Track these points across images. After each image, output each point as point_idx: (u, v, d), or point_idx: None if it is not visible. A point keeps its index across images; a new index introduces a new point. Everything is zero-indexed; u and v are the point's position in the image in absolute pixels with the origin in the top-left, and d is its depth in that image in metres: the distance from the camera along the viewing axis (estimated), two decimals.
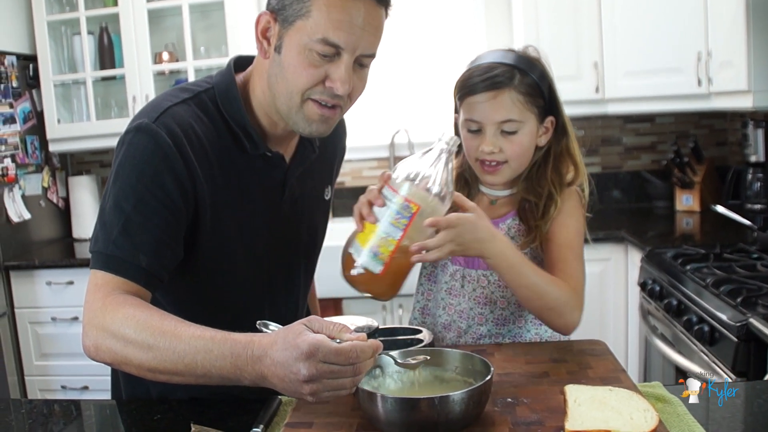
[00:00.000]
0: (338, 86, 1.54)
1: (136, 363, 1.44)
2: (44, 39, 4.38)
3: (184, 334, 1.40)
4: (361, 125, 4.66)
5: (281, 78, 1.56)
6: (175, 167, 1.55)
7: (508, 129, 1.80)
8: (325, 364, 1.27)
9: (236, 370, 1.36)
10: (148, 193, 1.54)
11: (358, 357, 1.29)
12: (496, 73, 1.80)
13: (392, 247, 1.53)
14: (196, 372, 1.39)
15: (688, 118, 4.49)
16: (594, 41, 3.97)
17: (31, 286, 4.12)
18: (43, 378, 4.21)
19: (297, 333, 1.30)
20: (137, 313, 1.45)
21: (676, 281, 2.79)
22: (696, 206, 4.13)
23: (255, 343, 1.35)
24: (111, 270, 1.52)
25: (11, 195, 4.18)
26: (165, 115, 1.58)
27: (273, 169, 1.73)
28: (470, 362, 1.47)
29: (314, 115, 1.58)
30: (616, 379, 1.55)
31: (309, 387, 1.29)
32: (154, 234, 1.54)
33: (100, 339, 1.46)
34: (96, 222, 1.59)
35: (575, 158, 1.91)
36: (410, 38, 4.61)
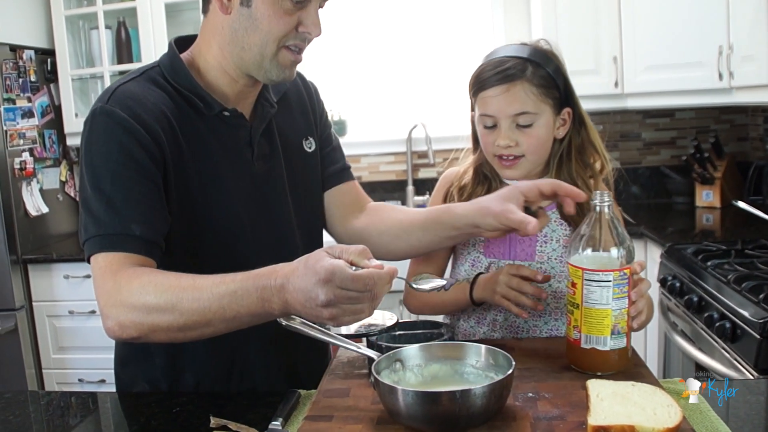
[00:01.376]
0: (312, 29, 1.63)
1: (164, 327, 1.45)
2: (62, 33, 4.38)
3: (205, 285, 1.43)
4: (378, 120, 4.66)
5: (253, 29, 1.61)
6: (138, 137, 1.58)
7: (523, 122, 1.80)
8: (342, 290, 1.31)
9: (263, 302, 1.39)
10: (121, 167, 1.57)
11: (375, 283, 1.32)
12: (508, 66, 1.80)
13: (626, 317, 1.53)
14: (225, 317, 1.42)
15: (708, 113, 4.45)
16: (613, 35, 3.94)
17: (48, 280, 4.13)
18: (61, 371, 4.22)
19: (316, 259, 1.33)
20: (152, 279, 1.47)
21: (696, 277, 2.76)
22: (716, 202, 4.09)
23: (277, 272, 1.38)
24: (109, 248, 1.53)
25: (29, 189, 4.19)
26: (115, 94, 1.63)
27: (236, 130, 1.75)
28: (491, 356, 1.46)
29: (287, 61, 1.65)
30: (638, 375, 1.53)
31: (328, 311, 1.33)
32: (139, 203, 1.57)
33: (121, 316, 1.47)
34: (81, 214, 1.61)
35: (598, 148, 1.91)
36: (428, 32, 4.60)
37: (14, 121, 4.09)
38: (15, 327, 4.03)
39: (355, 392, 1.52)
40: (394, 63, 4.65)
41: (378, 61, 4.65)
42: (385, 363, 1.44)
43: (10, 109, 4.06)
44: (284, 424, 1.45)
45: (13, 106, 4.10)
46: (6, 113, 4.03)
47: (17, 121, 4.11)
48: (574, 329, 1.54)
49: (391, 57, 4.65)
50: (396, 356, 1.47)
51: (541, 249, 1.88)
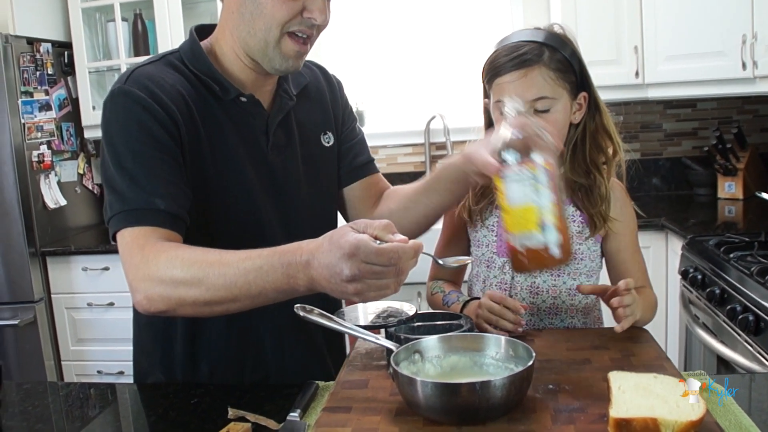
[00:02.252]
0: (317, 15, 1.62)
1: (191, 301, 1.45)
2: (79, 26, 4.39)
3: (232, 260, 1.43)
4: (396, 111, 4.65)
5: (258, 14, 1.62)
6: (156, 115, 1.60)
7: (541, 107, 1.77)
8: (367, 264, 1.30)
9: (289, 279, 1.39)
10: (141, 145, 1.59)
11: (400, 258, 1.31)
12: (525, 51, 1.77)
13: (555, 210, 1.50)
14: (251, 293, 1.42)
15: (731, 103, 4.40)
16: (634, 24, 3.90)
17: (67, 272, 4.14)
18: (80, 363, 4.24)
19: (341, 234, 1.33)
20: (179, 253, 1.49)
21: (718, 270, 2.73)
22: (739, 193, 4.05)
23: (303, 248, 1.38)
24: (134, 223, 1.55)
25: (47, 181, 4.20)
26: (133, 75, 1.66)
27: (252, 117, 1.77)
28: (511, 348, 1.45)
29: (290, 51, 1.66)
30: (660, 367, 1.51)
31: (353, 286, 1.32)
32: (161, 178, 1.59)
33: (149, 289, 1.48)
34: (105, 194, 1.62)
35: (612, 133, 1.89)
36: (446, 23, 4.58)
37: (32, 114, 4.10)
38: (34, 319, 4.05)
39: (373, 384, 1.51)
40: (412, 54, 4.64)
41: (396, 52, 4.63)
42: (403, 354, 1.43)
43: (27, 102, 4.07)
44: (302, 415, 1.45)
45: (31, 99, 4.10)
46: (24, 106, 4.03)
47: (35, 114, 4.12)
48: (507, 234, 1.53)
49: (409, 48, 4.63)
50: (415, 347, 1.46)
51: None
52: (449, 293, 1.95)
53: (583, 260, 1.88)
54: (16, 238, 3.98)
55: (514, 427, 1.28)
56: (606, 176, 1.86)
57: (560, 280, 1.86)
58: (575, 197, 1.88)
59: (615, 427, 1.22)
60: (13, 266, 4.01)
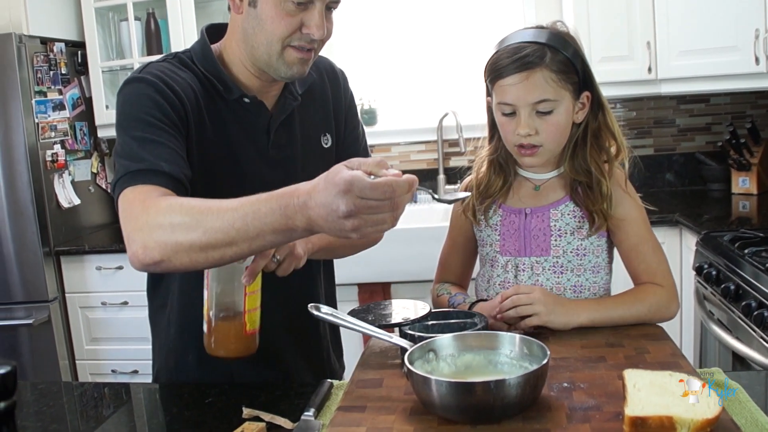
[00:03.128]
0: (314, 32, 1.67)
1: (187, 245, 1.44)
2: (92, 25, 4.40)
3: (229, 205, 1.43)
4: (409, 108, 4.64)
5: (259, 29, 1.68)
6: (167, 97, 1.67)
7: (543, 109, 1.77)
8: (362, 200, 1.29)
9: (287, 220, 1.38)
10: (152, 118, 1.64)
11: (394, 191, 1.30)
12: (526, 53, 1.76)
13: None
14: (249, 235, 1.41)
15: (744, 98, 4.37)
16: (646, 20, 3.88)
17: (81, 271, 4.16)
18: (94, 362, 4.25)
19: (335, 173, 1.32)
20: (179, 201, 1.51)
21: (733, 265, 2.72)
22: (753, 189, 4.03)
23: (299, 190, 1.38)
24: (138, 182, 1.56)
25: (61, 181, 4.21)
26: (147, 68, 1.75)
27: (255, 117, 1.82)
28: (526, 346, 1.44)
29: (294, 59, 1.71)
30: (675, 365, 1.51)
31: (350, 222, 1.32)
32: (167, 147, 1.63)
33: (146, 237, 1.47)
34: (114, 164, 1.65)
35: (615, 132, 1.89)
36: (458, 20, 4.57)
37: (45, 114, 4.11)
38: (48, 318, 4.06)
39: (387, 382, 1.51)
40: (425, 52, 4.63)
41: (408, 49, 4.62)
42: (418, 353, 1.43)
43: (41, 101, 4.08)
44: (317, 414, 1.45)
45: (45, 99, 4.12)
46: (37, 106, 4.05)
47: (48, 113, 4.14)
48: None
49: (422, 46, 4.62)
50: (429, 346, 1.46)
51: (556, 243, 1.87)
52: (455, 295, 1.95)
53: (586, 256, 1.87)
54: (30, 238, 4.00)
55: (528, 425, 1.28)
56: (607, 175, 1.85)
57: (564, 278, 1.86)
58: (575, 194, 1.87)
59: (630, 425, 1.22)
60: (27, 266, 4.02)
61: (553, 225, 1.85)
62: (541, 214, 1.87)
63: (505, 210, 1.92)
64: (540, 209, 1.88)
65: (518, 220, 1.88)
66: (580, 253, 1.86)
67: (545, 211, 1.86)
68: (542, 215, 1.87)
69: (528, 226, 1.87)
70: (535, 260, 1.86)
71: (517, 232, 1.88)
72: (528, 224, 1.87)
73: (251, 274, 1.49)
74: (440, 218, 2.00)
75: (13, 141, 3.95)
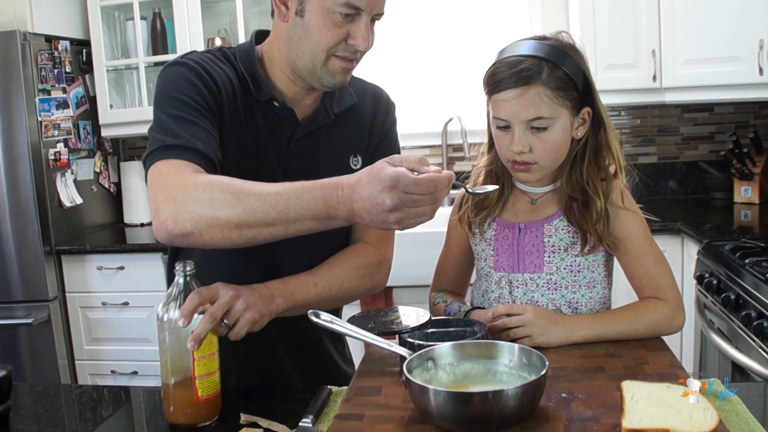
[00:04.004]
0: (360, 43, 1.70)
1: (223, 219, 1.47)
2: (97, 24, 4.40)
3: (271, 188, 1.48)
4: (414, 113, 4.63)
5: (306, 38, 1.71)
6: (206, 83, 1.71)
7: (538, 125, 1.73)
8: (407, 194, 1.38)
9: (329, 209, 1.45)
10: (190, 99, 1.67)
11: (436, 187, 1.40)
12: (523, 67, 1.72)
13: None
14: (288, 218, 1.46)
15: (747, 108, 4.39)
16: (652, 29, 3.89)
17: (82, 271, 4.16)
18: (94, 362, 4.25)
19: (379, 168, 1.41)
20: (220, 178, 1.53)
21: (734, 275, 2.72)
22: (755, 198, 4.03)
23: (342, 183, 1.44)
24: (172, 156, 1.59)
25: (63, 180, 4.21)
26: (189, 54, 1.79)
27: (282, 122, 1.83)
28: (525, 356, 1.44)
29: (337, 68, 1.74)
30: (673, 376, 1.50)
31: (394, 216, 1.41)
32: (203, 128, 1.65)
33: (179, 208, 1.49)
34: (149, 138, 1.67)
35: (615, 152, 1.85)
36: (464, 25, 4.57)
37: (49, 112, 4.12)
38: (48, 318, 4.06)
39: (386, 390, 1.51)
40: (430, 56, 4.62)
41: (413, 54, 4.62)
42: (416, 361, 1.43)
43: (45, 99, 4.09)
44: (314, 421, 1.45)
45: (48, 97, 4.12)
46: (41, 104, 4.05)
47: (52, 111, 4.14)
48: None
49: (427, 50, 4.62)
50: (428, 355, 1.46)
51: (550, 260, 1.83)
52: (451, 303, 1.93)
53: (581, 272, 1.83)
54: (32, 237, 4.00)
55: None
56: (603, 194, 1.80)
57: (558, 294, 1.83)
58: (569, 211, 1.83)
59: None
60: (28, 265, 4.02)
61: (546, 241, 1.82)
62: (535, 230, 1.84)
63: (500, 224, 1.89)
64: (534, 224, 1.84)
65: (512, 235, 1.86)
66: (575, 269, 1.83)
67: (539, 226, 1.83)
68: (536, 231, 1.84)
69: (522, 241, 1.84)
70: (529, 277, 1.84)
71: (511, 247, 1.85)
72: (522, 240, 1.84)
73: (196, 339, 1.44)
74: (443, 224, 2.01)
75: (15, 139, 3.95)
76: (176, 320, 1.45)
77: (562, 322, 1.74)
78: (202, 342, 1.45)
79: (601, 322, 1.75)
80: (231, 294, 1.53)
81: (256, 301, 1.57)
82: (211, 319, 1.47)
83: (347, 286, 1.83)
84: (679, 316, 1.81)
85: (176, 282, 1.51)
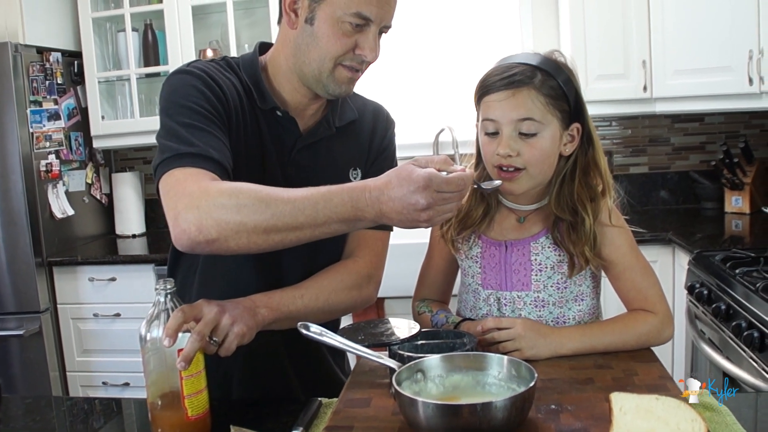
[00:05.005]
0: (367, 53, 1.73)
1: (251, 226, 1.48)
2: (89, 36, 4.40)
3: (299, 193, 1.50)
4: (405, 123, 4.64)
5: (314, 46, 1.73)
6: (214, 91, 1.72)
7: (527, 130, 1.73)
8: (439, 194, 1.44)
9: (357, 212, 1.48)
10: (199, 108, 1.67)
11: (465, 184, 1.47)
12: (516, 71, 1.74)
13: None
14: (316, 221, 1.49)
15: (738, 118, 4.40)
16: (642, 39, 3.90)
17: (73, 282, 4.15)
18: (85, 374, 4.24)
19: (409, 171, 1.45)
20: (244, 184, 1.54)
21: (724, 285, 2.73)
22: (746, 208, 4.05)
23: (368, 186, 1.48)
24: (188, 164, 1.58)
25: (55, 191, 4.21)
26: (194, 63, 1.79)
27: (284, 131, 1.85)
28: (514, 368, 1.44)
29: (344, 78, 1.76)
30: (662, 387, 1.51)
31: (426, 214, 1.45)
32: (215, 136, 1.66)
33: (204, 216, 1.48)
34: (158, 147, 1.66)
35: (603, 171, 1.84)
36: (455, 37, 4.58)
37: (40, 124, 4.12)
38: (39, 329, 4.05)
39: (376, 402, 1.51)
40: (422, 67, 4.63)
41: (406, 65, 4.63)
42: (406, 373, 1.43)
43: (36, 111, 4.08)
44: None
45: (40, 109, 4.12)
46: (32, 115, 4.05)
47: (43, 123, 4.14)
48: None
49: (419, 61, 4.63)
50: (417, 366, 1.46)
51: (537, 278, 1.83)
52: (437, 313, 1.93)
53: (568, 288, 1.84)
54: (23, 248, 3.99)
55: None
56: (592, 214, 1.79)
57: (545, 311, 1.83)
58: (555, 230, 1.82)
59: None
60: (19, 276, 4.01)
61: (533, 259, 1.82)
62: (522, 248, 1.83)
63: (485, 242, 1.88)
64: (520, 242, 1.84)
65: (499, 253, 1.85)
66: (561, 286, 1.83)
67: (525, 244, 1.83)
68: (523, 249, 1.83)
69: (509, 259, 1.84)
70: (517, 295, 1.84)
71: (498, 265, 1.85)
72: (509, 258, 1.84)
73: (185, 359, 1.43)
74: None
75: (7, 150, 3.95)
76: (160, 340, 1.43)
77: (551, 335, 1.74)
78: (191, 362, 1.44)
79: (590, 335, 1.75)
80: (216, 310, 1.52)
81: (241, 314, 1.57)
82: (200, 337, 1.46)
83: (334, 299, 1.82)
84: (668, 328, 1.80)
85: (157, 301, 1.49)
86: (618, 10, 3.92)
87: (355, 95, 1.98)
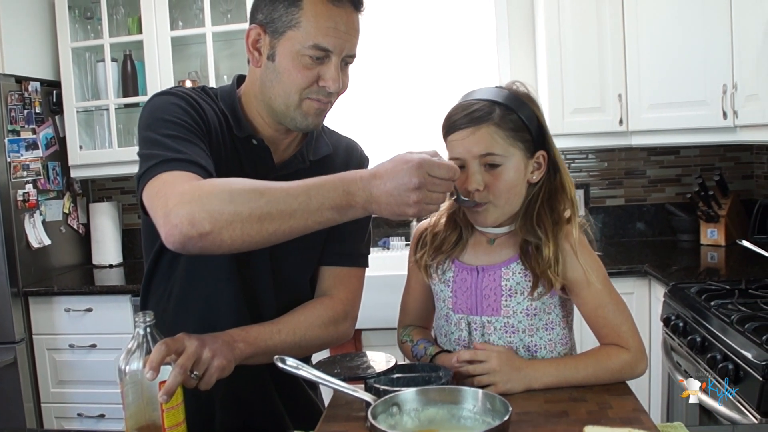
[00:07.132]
0: (330, 84, 1.75)
1: (245, 215, 1.47)
2: (68, 65, 4.41)
3: (291, 183, 1.53)
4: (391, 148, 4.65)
5: (277, 82, 1.76)
6: (195, 109, 1.75)
7: (491, 162, 1.76)
8: (431, 177, 1.49)
9: (348, 197, 1.51)
10: (182, 121, 1.69)
11: (454, 174, 1.53)
12: (475, 108, 1.78)
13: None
14: (309, 208, 1.50)
15: (713, 151, 4.46)
16: (618, 74, 3.95)
17: (49, 313, 4.12)
18: (60, 405, 4.19)
19: (403, 154, 1.53)
20: (235, 179, 1.55)
21: (700, 317, 2.74)
22: (721, 240, 4.08)
23: (361, 172, 1.54)
24: (176, 168, 1.58)
25: (32, 221, 4.19)
26: (173, 88, 1.83)
27: (260, 160, 1.87)
28: (489, 401, 1.45)
29: (311, 109, 1.79)
30: (636, 420, 1.51)
31: (416, 195, 1.48)
32: (199, 147, 1.68)
33: (196, 209, 1.47)
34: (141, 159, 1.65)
35: (570, 196, 1.86)
36: (434, 70, 4.62)
37: (18, 153, 4.11)
38: (14, 360, 4.01)
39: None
40: (401, 100, 4.66)
41: (384, 97, 4.66)
42: (381, 407, 1.43)
43: (14, 140, 4.07)
44: None
45: (18, 138, 4.11)
46: (10, 145, 4.04)
47: (21, 152, 4.13)
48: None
49: (398, 94, 4.66)
50: (393, 400, 1.46)
51: (506, 303, 1.83)
52: (417, 343, 1.93)
53: (537, 315, 1.84)
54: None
55: None
56: (552, 236, 1.80)
57: (516, 338, 1.84)
58: (524, 254, 1.84)
59: None
60: None
61: (504, 284, 1.83)
62: (493, 273, 1.85)
63: (458, 266, 1.90)
64: (492, 267, 1.85)
65: (470, 278, 1.87)
66: (530, 313, 1.83)
67: (497, 269, 1.84)
68: (494, 274, 1.85)
69: (480, 284, 1.85)
70: (486, 320, 1.84)
71: (469, 290, 1.86)
72: (480, 283, 1.85)
73: (168, 392, 1.43)
74: None
75: None
76: (140, 372, 1.43)
77: (525, 368, 1.74)
78: (173, 395, 1.44)
79: (564, 369, 1.76)
80: (196, 344, 1.52)
81: (221, 348, 1.57)
82: (182, 370, 1.46)
83: (311, 335, 1.83)
84: (641, 363, 1.80)
85: (136, 333, 1.49)
86: (594, 44, 3.97)
87: (330, 131, 2.01)
